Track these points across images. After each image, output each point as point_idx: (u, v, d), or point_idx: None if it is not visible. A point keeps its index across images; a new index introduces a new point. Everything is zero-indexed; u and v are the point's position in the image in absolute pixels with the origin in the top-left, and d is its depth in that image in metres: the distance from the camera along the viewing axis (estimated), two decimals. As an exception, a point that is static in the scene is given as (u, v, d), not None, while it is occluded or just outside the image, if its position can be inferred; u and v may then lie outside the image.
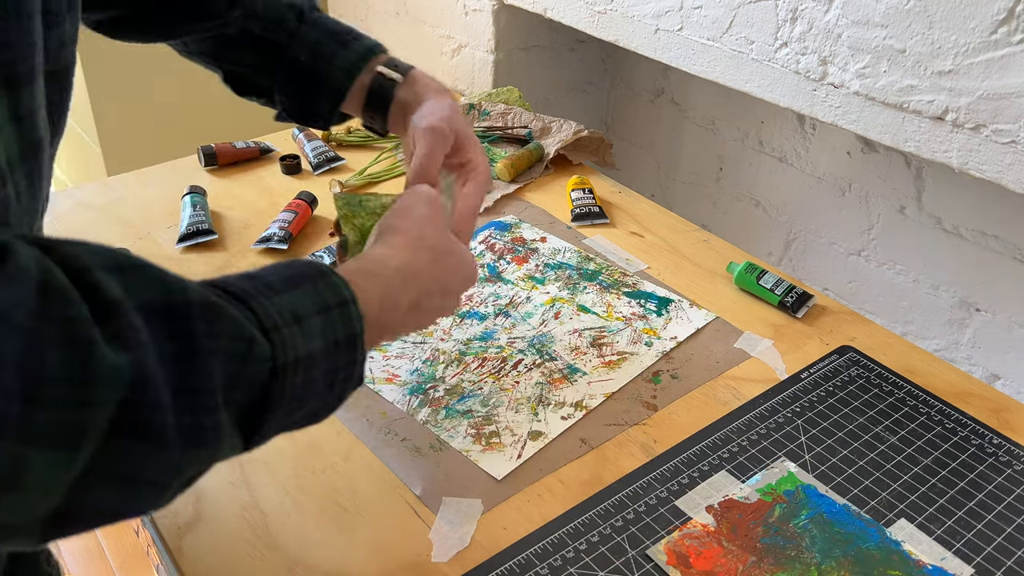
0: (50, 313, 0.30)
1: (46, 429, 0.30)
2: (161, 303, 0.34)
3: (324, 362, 0.41)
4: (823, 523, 0.61)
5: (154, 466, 0.34)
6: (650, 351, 0.77)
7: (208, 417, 0.35)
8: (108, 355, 0.31)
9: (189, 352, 0.35)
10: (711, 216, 1.48)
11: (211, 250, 0.91)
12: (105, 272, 0.33)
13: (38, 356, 0.29)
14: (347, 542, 0.60)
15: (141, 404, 0.32)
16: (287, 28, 0.70)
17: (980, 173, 0.82)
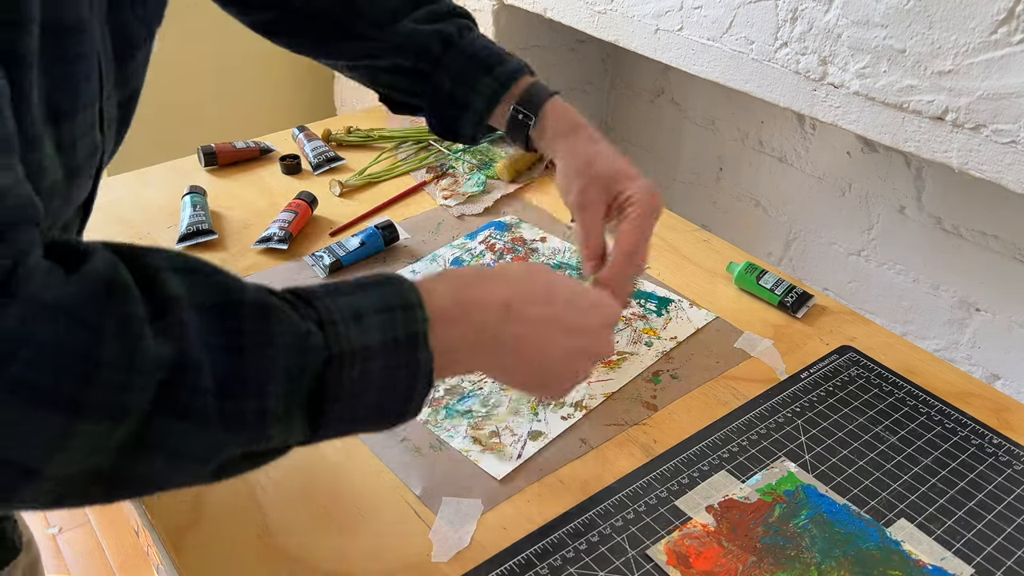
0: (110, 310, 0.36)
1: (92, 405, 0.35)
2: (215, 303, 0.40)
3: (382, 356, 0.44)
4: (823, 523, 0.61)
5: (195, 443, 0.39)
6: (650, 351, 0.77)
7: (251, 403, 0.40)
8: (151, 348, 0.36)
9: (236, 346, 0.39)
10: (711, 216, 1.48)
11: (211, 250, 0.91)
12: (171, 272, 0.39)
13: (95, 345, 0.35)
14: (347, 542, 0.60)
15: (181, 388, 0.37)
16: (432, 56, 0.74)
17: (980, 173, 0.82)
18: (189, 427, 0.38)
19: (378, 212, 0.99)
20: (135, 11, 0.50)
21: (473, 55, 0.75)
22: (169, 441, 0.38)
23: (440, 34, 0.74)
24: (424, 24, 0.75)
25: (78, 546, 1.67)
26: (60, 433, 0.35)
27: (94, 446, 0.36)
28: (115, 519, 1.71)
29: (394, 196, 1.02)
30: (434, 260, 0.90)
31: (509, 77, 0.74)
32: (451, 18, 0.76)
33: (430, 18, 0.76)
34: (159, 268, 0.39)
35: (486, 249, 0.91)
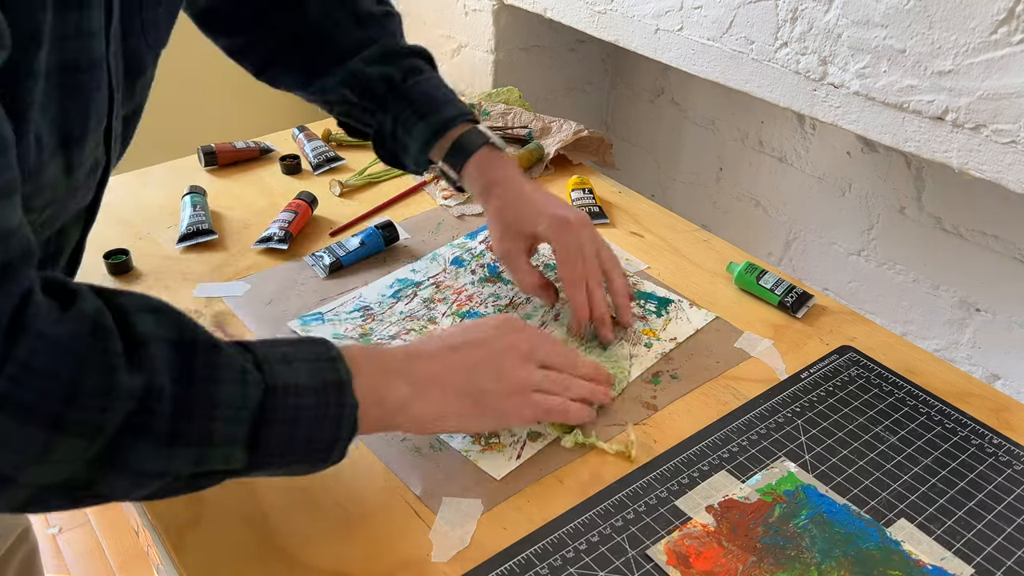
0: (96, 345, 0.43)
1: (75, 425, 0.42)
2: (176, 339, 0.46)
3: (312, 394, 0.51)
4: (823, 523, 0.61)
5: (151, 459, 0.45)
6: (649, 352, 0.77)
7: (196, 425, 0.46)
8: (126, 379, 0.43)
9: (189, 377, 0.46)
10: (711, 216, 1.48)
11: (211, 250, 0.91)
12: (142, 312, 0.46)
13: (81, 375, 0.42)
14: (347, 542, 0.60)
15: (144, 412, 0.44)
16: (376, 96, 0.81)
17: (980, 173, 0.82)
18: (147, 445, 0.44)
19: (378, 212, 0.99)
20: (146, 38, 0.55)
21: (412, 101, 0.80)
22: (130, 457, 0.44)
23: (384, 77, 0.80)
24: (373, 64, 0.81)
25: (78, 546, 1.67)
26: (42, 447, 0.41)
27: (69, 460, 0.42)
28: (115, 519, 1.71)
29: (394, 196, 1.02)
30: (434, 260, 0.90)
31: (442, 127, 0.80)
32: (402, 59, 0.82)
33: (381, 58, 0.81)
34: (132, 309, 0.46)
35: (486, 249, 0.91)
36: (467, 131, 0.80)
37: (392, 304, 0.83)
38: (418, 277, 0.87)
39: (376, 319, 0.81)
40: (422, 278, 0.87)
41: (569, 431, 0.67)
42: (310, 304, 0.83)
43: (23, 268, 0.41)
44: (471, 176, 0.80)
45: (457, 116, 0.80)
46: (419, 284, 0.86)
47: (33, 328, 0.41)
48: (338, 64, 0.81)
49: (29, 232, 0.42)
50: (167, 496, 0.49)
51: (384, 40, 0.82)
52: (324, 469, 0.54)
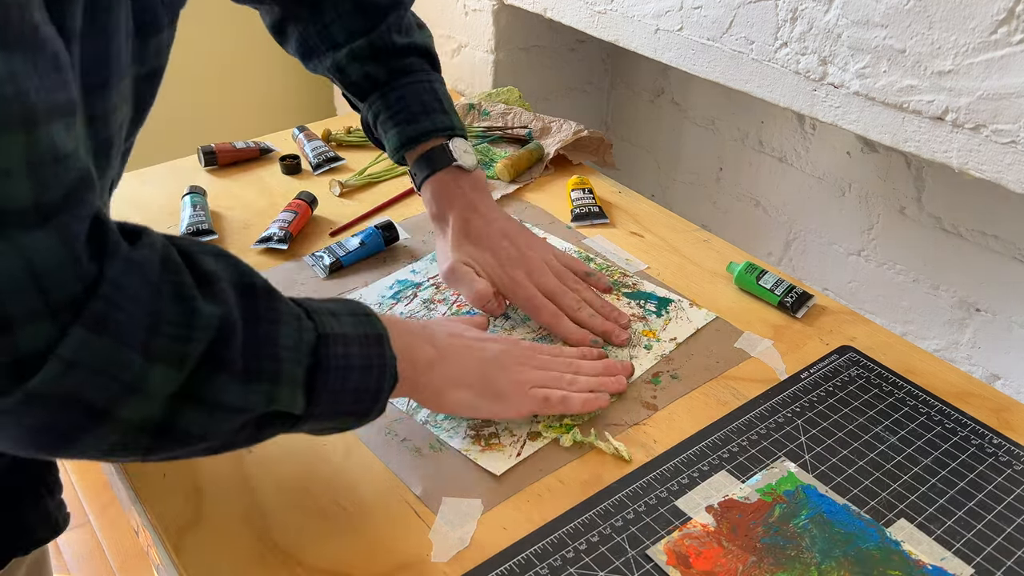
0: (168, 276, 0.44)
1: (162, 352, 0.42)
2: (239, 281, 0.48)
3: (358, 344, 0.53)
4: (823, 523, 0.61)
5: (229, 395, 0.46)
6: (649, 353, 0.77)
7: (267, 362, 0.47)
8: (204, 307, 0.44)
9: (255, 316, 0.47)
10: (711, 216, 1.48)
11: (211, 250, 0.91)
12: (205, 255, 0.47)
13: (160, 303, 0.43)
14: (347, 542, 0.60)
15: (221, 345, 0.45)
16: (360, 91, 0.82)
17: (980, 173, 0.82)
18: (226, 378, 0.45)
19: (378, 212, 0.99)
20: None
21: (390, 105, 0.81)
22: (212, 391, 0.45)
23: (368, 76, 0.81)
24: (359, 61, 0.80)
25: (78, 546, 1.67)
26: (136, 375, 0.41)
27: (158, 393, 0.43)
28: (115, 519, 1.72)
29: (394, 196, 1.02)
30: (434, 260, 0.90)
31: (410, 140, 0.81)
32: (392, 57, 0.81)
33: (369, 54, 0.80)
34: (195, 251, 0.47)
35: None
36: (434, 148, 0.80)
37: (392, 305, 0.83)
38: (418, 278, 0.87)
39: (376, 319, 0.81)
40: (422, 279, 0.87)
41: (568, 430, 0.67)
42: (310, 304, 0.83)
43: (86, 194, 0.41)
44: (426, 197, 0.82)
45: (430, 131, 0.80)
46: (419, 285, 0.86)
47: (116, 252, 0.41)
48: (331, 48, 0.81)
49: (87, 158, 0.42)
50: (231, 448, 0.49)
51: (377, 34, 0.80)
52: (366, 423, 0.56)
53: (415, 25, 0.84)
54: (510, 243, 0.80)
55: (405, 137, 0.80)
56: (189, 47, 1.69)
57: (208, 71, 1.71)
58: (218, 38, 1.70)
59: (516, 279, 0.78)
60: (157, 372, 0.42)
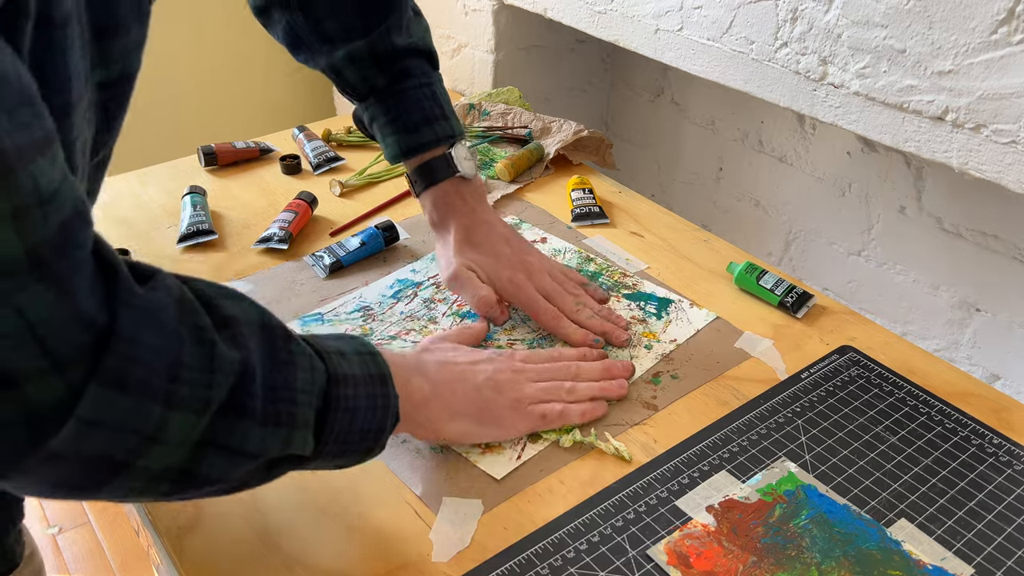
0: (186, 319, 0.42)
1: (184, 400, 0.41)
2: (259, 323, 0.47)
3: (364, 385, 0.53)
4: (823, 523, 0.61)
5: (249, 440, 0.45)
6: (649, 354, 0.77)
7: (285, 406, 0.47)
8: (225, 352, 0.43)
9: (273, 359, 0.47)
10: (711, 216, 1.48)
11: (211, 250, 0.91)
12: (222, 298, 0.46)
13: (180, 350, 0.41)
14: (347, 542, 0.60)
15: (243, 390, 0.44)
16: (357, 94, 0.81)
17: (980, 173, 0.82)
18: (246, 424, 0.45)
19: (378, 212, 0.99)
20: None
21: (389, 111, 0.79)
22: (232, 438, 0.44)
23: (365, 80, 0.79)
24: (357, 64, 0.78)
25: (78, 546, 1.67)
26: (157, 425, 0.40)
27: (179, 441, 0.42)
28: (115, 519, 1.71)
29: (394, 196, 1.02)
30: (434, 260, 0.90)
31: (411, 150, 0.80)
32: (392, 62, 0.78)
33: (368, 58, 0.77)
34: (213, 294, 0.46)
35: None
36: (436, 159, 0.80)
37: (392, 304, 0.83)
38: (418, 277, 0.87)
39: (376, 319, 0.81)
40: (422, 278, 0.87)
41: (568, 431, 0.67)
42: (310, 304, 0.83)
43: (81, 233, 0.38)
44: (426, 205, 0.82)
45: (431, 142, 0.79)
46: (419, 284, 0.86)
47: (130, 300, 0.39)
48: (324, 44, 0.79)
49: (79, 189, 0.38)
50: (243, 489, 0.49)
51: (377, 36, 0.77)
52: (367, 461, 0.56)
53: (413, 16, 0.80)
54: (510, 248, 0.80)
55: (406, 147, 0.80)
56: (189, 47, 1.69)
57: (208, 71, 1.71)
58: (218, 38, 1.70)
59: (517, 281, 0.78)
60: (178, 420, 0.41)
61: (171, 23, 1.62)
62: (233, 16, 1.70)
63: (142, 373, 0.39)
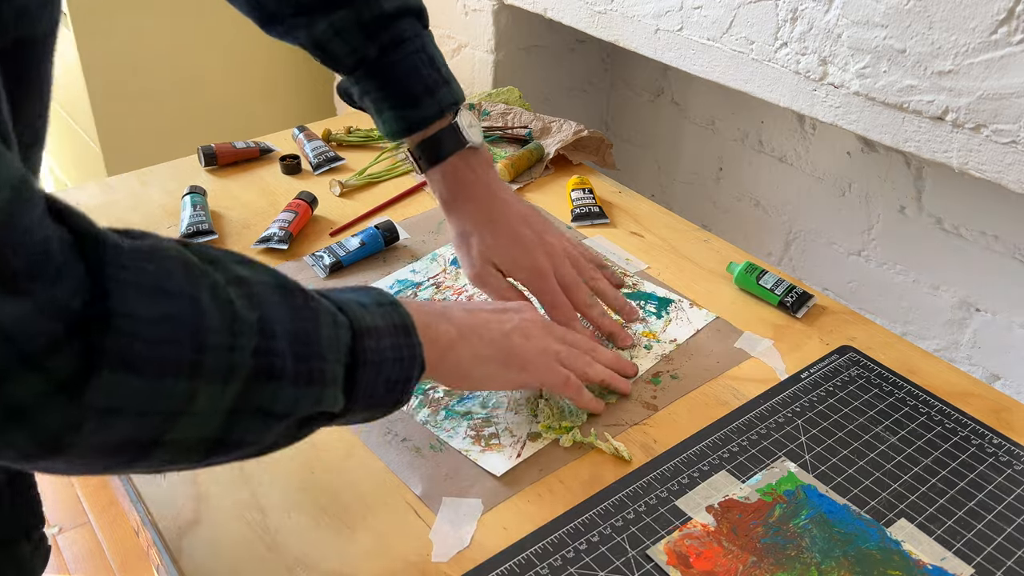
0: (196, 282, 0.39)
1: (208, 369, 0.39)
2: (274, 283, 0.46)
3: (388, 335, 0.52)
4: (823, 523, 0.61)
5: (280, 401, 0.43)
6: (649, 354, 0.77)
7: (315, 363, 0.45)
8: (244, 312, 0.41)
9: (293, 317, 0.45)
10: (711, 216, 1.48)
11: (211, 250, 0.91)
12: (232, 262, 0.44)
13: (197, 314, 0.38)
14: (347, 542, 0.60)
15: (267, 351, 0.42)
16: (345, 67, 0.73)
17: (980, 173, 0.82)
18: (276, 386, 0.43)
19: (378, 212, 0.99)
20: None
21: (385, 83, 0.72)
22: (262, 400, 0.43)
23: (355, 52, 0.71)
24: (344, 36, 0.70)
25: (78, 546, 1.67)
26: (185, 400, 0.38)
27: (209, 411, 0.40)
28: (115, 519, 1.72)
29: (394, 196, 1.02)
30: (434, 260, 0.90)
31: (416, 124, 0.73)
32: (382, 29, 0.70)
33: (356, 28, 0.70)
34: (219, 256, 0.43)
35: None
36: (442, 131, 0.74)
37: (392, 304, 0.83)
38: (418, 278, 0.87)
39: (376, 319, 0.81)
40: (422, 278, 0.87)
41: (567, 431, 0.67)
42: (310, 304, 0.83)
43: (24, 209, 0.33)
44: (435, 181, 0.77)
45: (434, 114, 0.73)
46: (419, 285, 0.86)
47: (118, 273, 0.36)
48: (301, 15, 0.70)
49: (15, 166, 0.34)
50: (273, 450, 0.47)
51: (362, 2, 0.69)
52: (393, 412, 0.55)
53: None
54: (531, 229, 0.77)
55: (408, 123, 0.73)
56: (190, 47, 1.69)
57: (208, 71, 1.71)
58: (218, 38, 1.70)
59: (539, 271, 0.75)
60: (204, 391, 0.39)
61: (171, 23, 1.62)
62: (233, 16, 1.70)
63: (155, 349, 0.37)
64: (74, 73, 1.58)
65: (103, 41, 1.55)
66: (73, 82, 1.61)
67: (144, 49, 1.61)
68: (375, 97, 0.73)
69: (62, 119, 1.82)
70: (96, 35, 1.54)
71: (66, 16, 1.51)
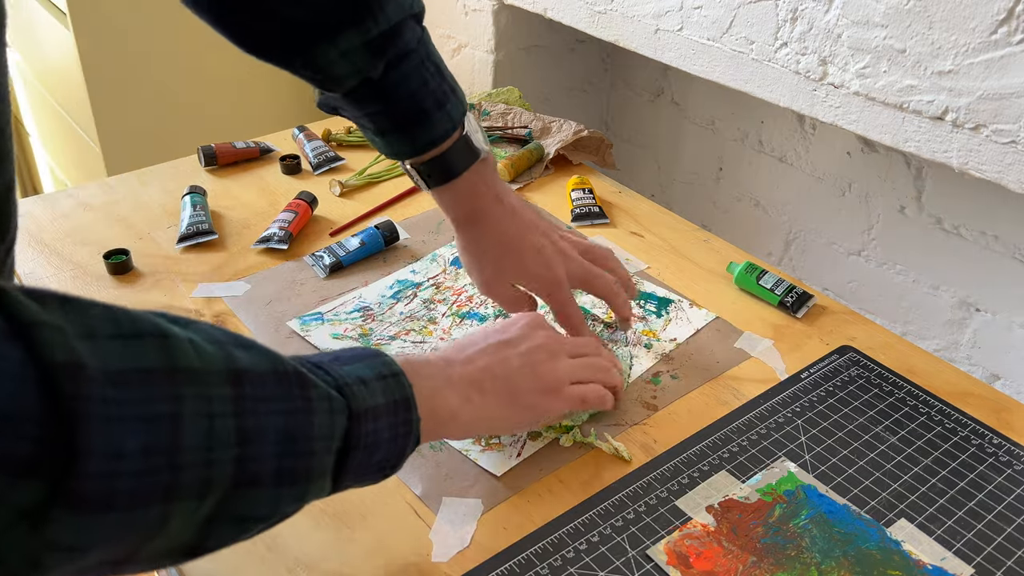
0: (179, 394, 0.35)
1: (185, 487, 0.36)
2: (271, 370, 0.42)
3: (386, 415, 0.49)
4: (823, 523, 0.61)
5: (260, 506, 0.41)
6: (649, 353, 0.77)
7: (301, 461, 0.42)
8: (225, 426, 0.37)
9: (289, 410, 0.42)
10: (711, 216, 1.48)
11: (211, 250, 0.91)
12: (235, 347, 0.40)
13: (176, 434, 0.35)
14: (347, 542, 0.60)
15: (250, 459, 0.39)
16: (342, 86, 0.65)
17: (980, 173, 0.82)
18: (257, 492, 0.40)
19: (378, 212, 0.99)
20: None
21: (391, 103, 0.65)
22: (240, 508, 0.40)
23: (359, 74, 0.64)
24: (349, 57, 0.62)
25: (78, 546, 1.67)
26: (159, 523, 0.35)
27: (184, 526, 0.37)
28: (115, 519, 1.71)
29: (394, 196, 1.02)
30: (434, 260, 0.90)
31: (427, 145, 0.67)
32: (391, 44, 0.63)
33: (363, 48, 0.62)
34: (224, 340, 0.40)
35: (486, 249, 0.91)
36: (454, 146, 0.68)
37: (392, 305, 0.83)
38: (418, 278, 0.87)
39: (376, 319, 0.81)
40: (422, 279, 0.87)
41: (567, 431, 0.67)
42: (310, 304, 0.83)
43: None
44: (446, 203, 0.72)
45: (448, 131, 0.67)
46: (419, 285, 0.86)
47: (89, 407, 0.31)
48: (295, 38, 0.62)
49: None
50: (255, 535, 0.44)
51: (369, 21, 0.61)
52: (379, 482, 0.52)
53: None
54: (544, 238, 0.73)
55: (420, 143, 0.67)
56: (189, 47, 1.69)
57: (208, 71, 1.71)
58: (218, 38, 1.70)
59: (558, 279, 0.72)
60: (180, 509, 0.36)
61: (171, 23, 1.62)
62: (233, 16, 1.69)
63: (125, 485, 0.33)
64: (74, 73, 1.58)
65: (103, 41, 1.55)
66: (73, 82, 1.61)
67: (144, 49, 1.61)
68: (376, 118, 0.67)
69: (62, 119, 1.82)
70: (96, 35, 1.54)
71: (66, 16, 1.51)
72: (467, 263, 0.75)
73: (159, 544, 0.37)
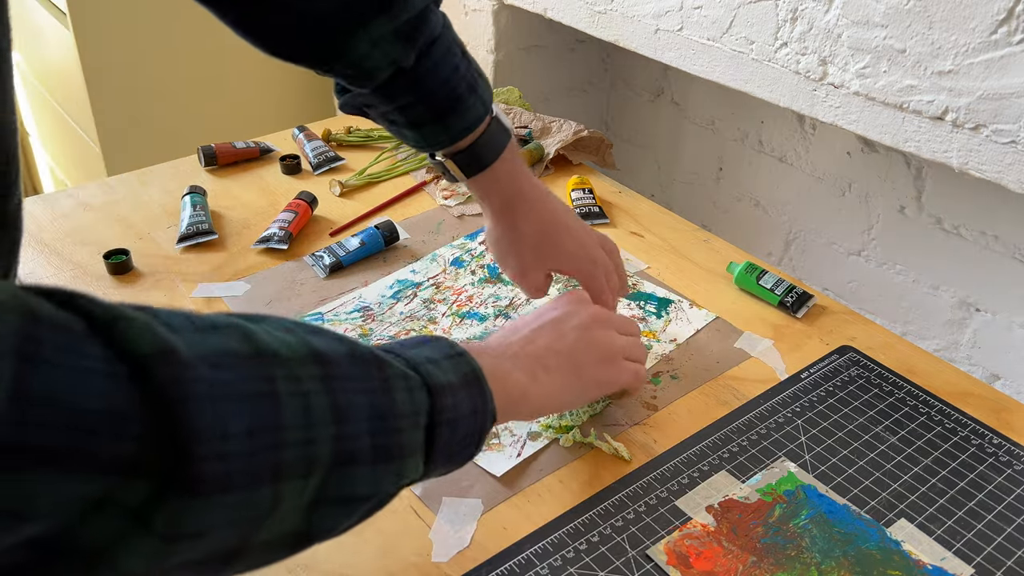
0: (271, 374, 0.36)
1: (291, 465, 0.36)
2: (348, 353, 0.42)
3: (462, 389, 0.49)
4: (823, 523, 0.61)
5: (361, 484, 0.41)
6: (649, 354, 0.77)
7: (392, 438, 0.43)
8: (321, 403, 0.38)
9: (371, 389, 0.42)
10: (711, 216, 1.48)
11: (211, 250, 0.91)
12: (308, 334, 0.41)
13: (277, 413, 0.35)
14: (347, 542, 0.60)
15: (346, 437, 0.39)
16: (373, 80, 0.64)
17: (980, 173, 0.82)
18: (356, 470, 0.40)
19: (378, 212, 0.99)
20: None
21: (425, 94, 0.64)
22: (344, 488, 0.40)
23: (392, 65, 0.62)
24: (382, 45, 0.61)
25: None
26: (268, 504, 0.35)
27: (290, 509, 0.37)
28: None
29: (394, 196, 1.02)
30: (434, 260, 0.90)
31: (463, 131, 0.66)
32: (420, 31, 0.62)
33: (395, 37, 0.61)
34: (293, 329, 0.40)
35: (486, 250, 0.91)
36: (487, 131, 0.67)
37: (392, 304, 0.83)
38: (418, 278, 0.87)
39: (376, 319, 0.81)
40: (422, 279, 0.87)
41: (568, 430, 0.67)
42: (310, 304, 0.83)
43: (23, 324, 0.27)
44: (486, 188, 0.70)
45: (482, 115, 0.66)
46: (419, 285, 0.86)
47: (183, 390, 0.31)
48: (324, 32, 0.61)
49: None
50: (357, 524, 0.44)
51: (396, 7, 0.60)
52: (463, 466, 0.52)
53: None
54: (575, 221, 0.73)
55: (457, 130, 0.66)
56: (189, 47, 1.69)
57: (209, 71, 1.71)
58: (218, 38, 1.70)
59: (595, 259, 0.72)
60: (287, 491, 0.36)
61: (171, 23, 1.62)
62: (233, 16, 1.69)
63: (237, 468, 0.33)
64: (74, 73, 1.58)
65: (103, 41, 1.55)
66: (73, 82, 1.61)
67: (144, 49, 1.61)
68: (409, 110, 0.65)
69: (62, 119, 1.82)
70: (96, 35, 1.54)
71: (66, 16, 1.51)
72: (502, 251, 0.73)
73: (270, 530, 0.37)
